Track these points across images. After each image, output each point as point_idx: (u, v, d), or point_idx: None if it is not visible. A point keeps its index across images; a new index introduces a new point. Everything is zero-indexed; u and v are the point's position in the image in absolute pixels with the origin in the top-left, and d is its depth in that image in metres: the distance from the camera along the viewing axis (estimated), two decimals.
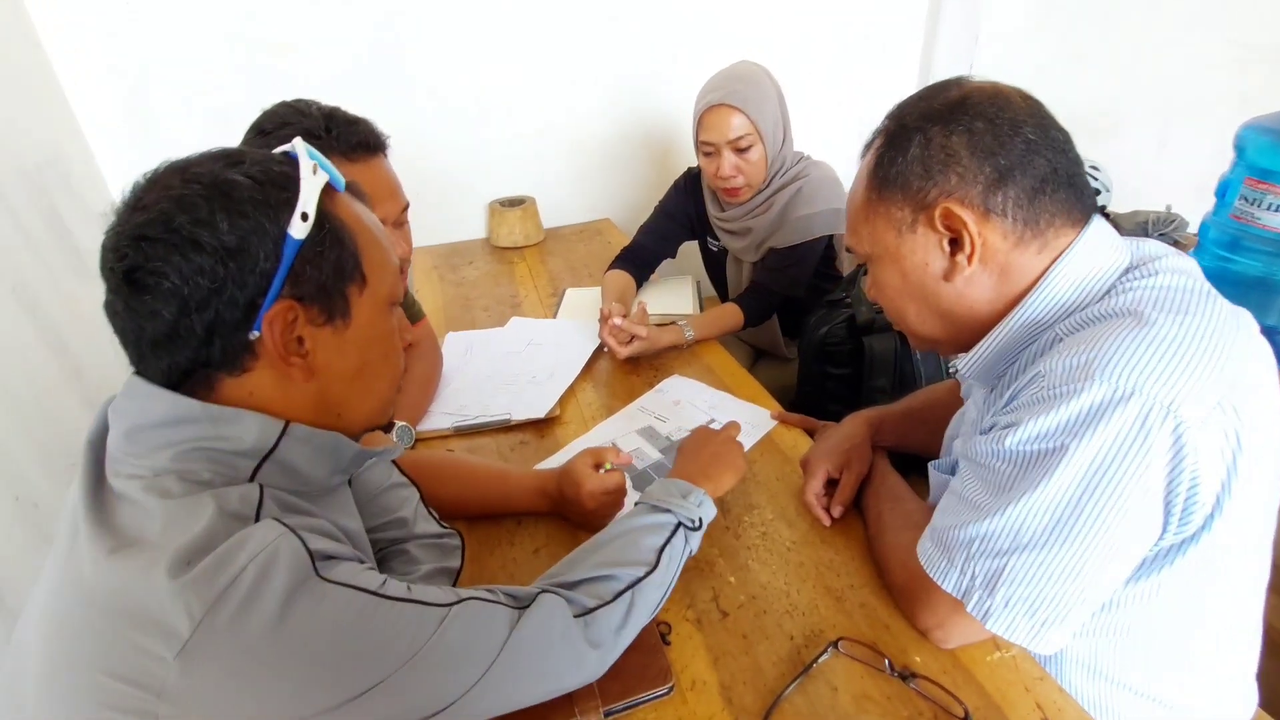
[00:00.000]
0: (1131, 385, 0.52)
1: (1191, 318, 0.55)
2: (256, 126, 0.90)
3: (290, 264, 0.50)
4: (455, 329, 1.48)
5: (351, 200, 0.58)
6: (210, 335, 0.49)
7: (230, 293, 0.48)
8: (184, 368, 0.50)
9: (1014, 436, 0.57)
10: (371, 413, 0.61)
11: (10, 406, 1.16)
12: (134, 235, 0.48)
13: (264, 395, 0.52)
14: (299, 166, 0.52)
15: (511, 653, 0.55)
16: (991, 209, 0.62)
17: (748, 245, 1.45)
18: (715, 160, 1.35)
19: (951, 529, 0.63)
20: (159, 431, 0.50)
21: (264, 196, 0.50)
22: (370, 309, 0.56)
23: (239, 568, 0.44)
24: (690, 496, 0.76)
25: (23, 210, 1.37)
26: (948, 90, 0.65)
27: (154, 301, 0.48)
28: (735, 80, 1.32)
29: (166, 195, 0.49)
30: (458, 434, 1.12)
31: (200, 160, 0.52)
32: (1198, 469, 0.53)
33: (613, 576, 0.65)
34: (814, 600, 0.77)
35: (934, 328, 0.70)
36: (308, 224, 0.51)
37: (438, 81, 1.85)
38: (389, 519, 0.76)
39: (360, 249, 0.55)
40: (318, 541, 0.49)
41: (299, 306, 0.51)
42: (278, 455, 0.52)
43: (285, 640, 0.44)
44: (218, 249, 0.48)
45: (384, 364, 0.60)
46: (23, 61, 1.51)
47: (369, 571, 0.51)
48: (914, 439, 0.96)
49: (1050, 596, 0.57)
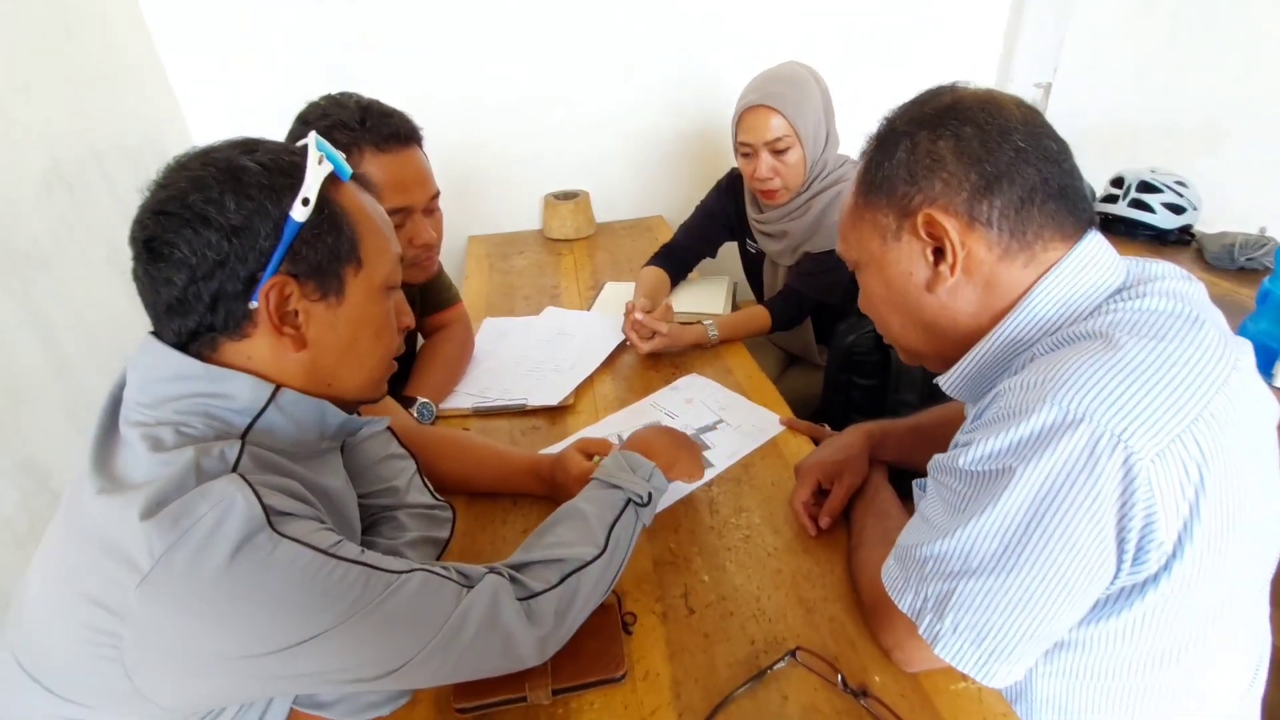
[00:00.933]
0: (1082, 410, 0.49)
1: (1165, 344, 0.52)
2: (301, 117, 0.97)
3: (289, 243, 0.56)
4: (494, 315, 1.54)
5: (357, 190, 0.63)
6: (215, 303, 0.55)
7: (232, 265, 0.54)
8: (192, 330, 0.56)
9: (967, 455, 0.55)
10: (362, 386, 0.66)
11: (93, 353, 1.30)
12: (155, 209, 0.55)
13: (260, 360, 0.58)
14: (307, 157, 0.58)
15: (454, 629, 0.58)
16: (976, 218, 0.59)
17: (784, 249, 1.43)
18: (753, 161, 1.34)
19: (911, 548, 0.61)
20: (166, 385, 0.56)
21: (270, 181, 0.55)
22: (364, 290, 0.61)
23: (199, 514, 0.48)
24: (639, 470, 0.77)
25: (121, 183, 1.52)
26: (940, 95, 0.63)
27: (167, 269, 0.54)
28: (776, 81, 1.31)
29: (186, 175, 0.55)
30: (476, 414, 1.17)
31: (221, 147, 0.58)
32: (1153, 506, 0.49)
33: (560, 560, 0.67)
34: (783, 608, 0.77)
35: (918, 340, 0.68)
36: (308, 208, 0.56)
37: (500, 77, 1.92)
38: (383, 487, 0.80)
39: (359, 235, 0.60)
40: (276, 499, 0.53)
41: (295, 282, 0.57)
42: (268, 415, 0.57)
43: (233, 583, 0.49)
44: (224, 226, 0.54)
45: (375, 342, 0.64)
46: (132, 47, 1.68)
47: (325, 532, 0.55)
48: (919, 456, 0.91)
49: (998, 627, 0.55)
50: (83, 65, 1.46)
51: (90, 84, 1.48)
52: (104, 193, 1.46)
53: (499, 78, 1.92)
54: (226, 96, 1.83)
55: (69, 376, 1.27)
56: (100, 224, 1.42)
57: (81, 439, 0.57)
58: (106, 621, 0.48)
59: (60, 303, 1.28)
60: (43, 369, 1.21)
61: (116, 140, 1.53)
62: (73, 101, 1.41)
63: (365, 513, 0.81)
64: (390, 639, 0.55)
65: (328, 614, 0.52)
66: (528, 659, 0.63)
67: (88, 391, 1.29)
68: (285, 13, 1.76)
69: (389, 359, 0.68)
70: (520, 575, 0.65)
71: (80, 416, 1.25)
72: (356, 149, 0.94)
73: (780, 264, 1.47)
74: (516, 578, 0.65)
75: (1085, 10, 2.04)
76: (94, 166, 1.44)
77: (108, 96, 1.54)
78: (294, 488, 0.57)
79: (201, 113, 1.84)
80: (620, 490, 0.75)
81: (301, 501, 0.56)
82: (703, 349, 1.33)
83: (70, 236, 1.34)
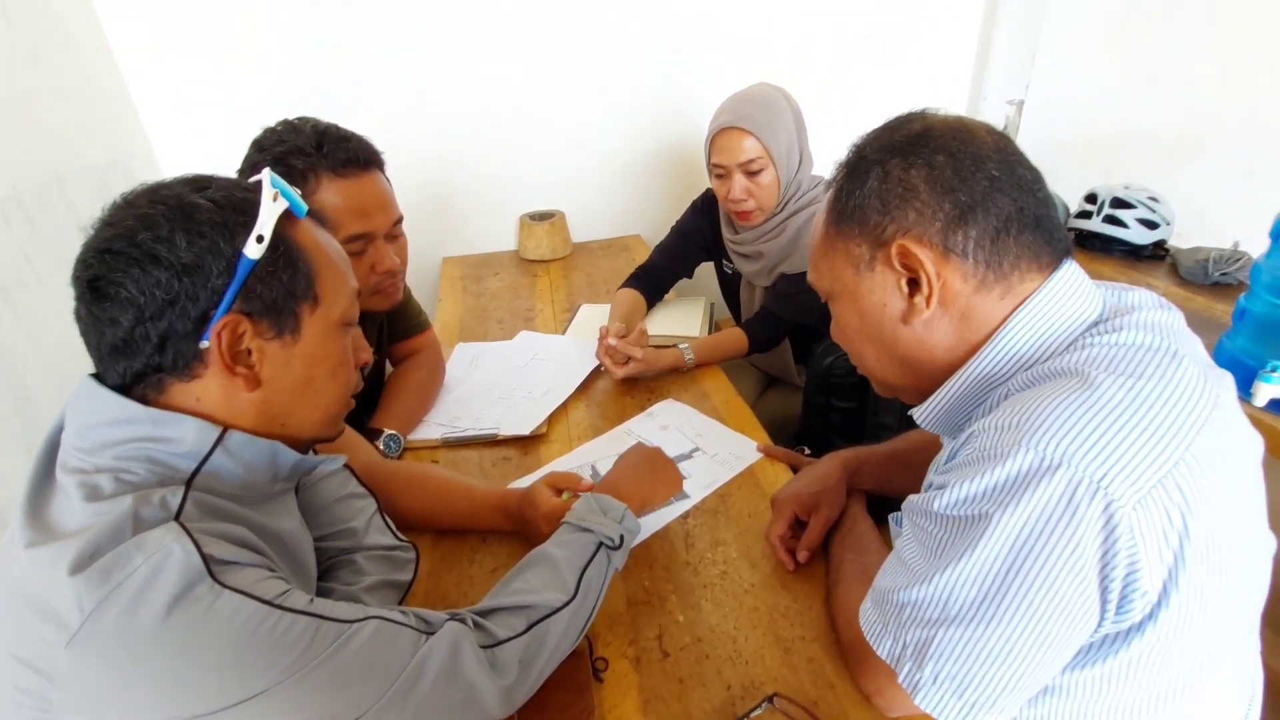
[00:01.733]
0: (1059, 455, 0.47)
1: (1143, 382, 0.50)
2: (256, 143, 0.94)
3: (243, 281, 0.54)
4: (468, 339, 1.51)
5: (313, 226, 0.62)
6: (163, 343, 0.53)
7: (183, 305, 0.52)
8: (138, 371, 0.54)
9: (941, 499, 0.53)
10: (317, 425, 0.63)
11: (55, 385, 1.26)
12: (100, 248, 0.52)
13: (210, 401, 0.55)
14: (261, 193, 0.56)
15: (410, 679, 0.55)
16: (951, 248, 0.58)
17: (760, 269, 1.42)
18: (726, 183, 1.33)
19: (888, 591, 0.59)
20: (106, 429, 0.53)
21: (222, 219, 0.54)
22: (321, 327, 0.60)
23: (133, 566, 0.45)
24: (610, 513, 0.75)
25: (84, 205, 1.48)
26: (910, 123, 0.62)
27: (113, 309, 0.52)
28: (748, 103, 1.30)
29: (134, 214, 0.53)
30: (445, 445, 1.14)
31: (171, 184, 0.56)
32: (1136, 554, 0.47)
33: (527, 606, 0.64)
34: (760, 649, 0.74)
35: (894, 373, 0.66)
36: (262, 245, 0.54)
37: (475, 96, 1.90)
38: (340, 528, 0.77)
39: (315, 271, 0.59)
40: (219, 547, 0.50)
41: (248, 320, 0.55)
42: (214, 460, 0.55)
43: (170, 639, 0.45)
44: (174, 264, 0.52)
45: (331, 380, 0.62)
46: (95, 68, 1.64)
47: (273, 580, 0.52)
48: (899, 484, 0.90)
49: (979, 677, 0.52)
50: (45, 89, 1.42)
51: (53, 108, 1.44)
52: (66, 218, 1.42)
53: (474, 97, 1.90)
54: (191, 119, 1.79)
55: (29, 410, 1.22)
56: (62, 251, 1.37)
57: None
58: (34, 682, 0.45)
59: (20, 334, 1.23)
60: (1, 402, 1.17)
61: (80, 163, 1.49)
62: (34, 126, 1.37)
63: (322, 556, 0.77)
64: (341, 693, 0.52)
65: (273, 669, 0.48)
66: (492, 711, 0.60)
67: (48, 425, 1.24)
68: (253, 34, 1.73)
69: (346, 397, 0.65)
70: (485, 621, 0.62)
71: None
72: (314, 174, 0.91)
73: (757, 284, 1.46)
74: (480, 624, 0.62)
75: (1056, 27, 2.06)
76: (56, 191, 1.40)
77: (71, 120, 1.50)
78: (240, 534, 0.54)
79: (166, 136, 1.80)
80: (591, 534, 0.72)
81: (249, 549, 0.53)
82: (679, 373, 1.30)
83: (30, 266, 1.29)
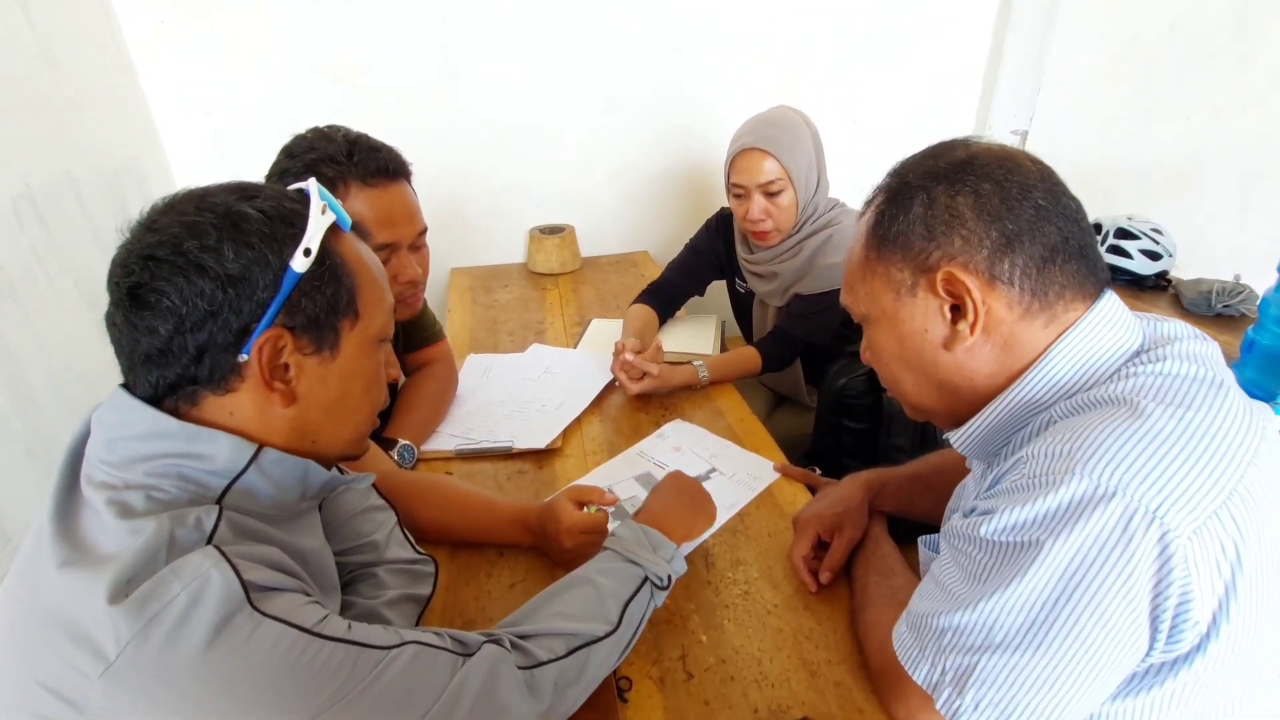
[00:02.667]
0: (1115, 484, 0.48)
1: (1193, 413, 0.50)
2: (286, 150, 0.94)
3: (288, 295, 0.53)
4: (479, 351, 1.50)
5: (356, 240, 0.61)
6: (201, 354, 0.51)
7: (226, 317, 0.51)
8: (171, 382, 0.52)
9: (990, 525, 0.53)
10: (347, 443, 0.62)
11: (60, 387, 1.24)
12: (143, 255, 0.51)
13: (243, 416, 0.54)
14: (309, 204, 0.55)
15: (448, 705, 0.54)
16: (997, 276, 0.58)
17: (774, 289, 1.43)
18: (745, 203, 1.34)
19: (926, 616, 0.59)
20: (137, 444, 0.51)
21: (271, 230, 0.52)
22: (359, 344, 0.58)
23: (171, 595, 0.44)
24: (661, 550, 0.73)
25: (97, 210, 1.48)
26: (954, 149, 0.62)
27: (153, 318, 0.50)
28: (769, 125, 1.31)
29: (180, 220, 0.51)
30: (459, 457, 1.13)
31: (217, 190, 0.55)
32: (1189, 584, 0.47)
33: (569, 632, 0.63)
34: (786, 672, 0.73)
35: (930, 398, 0.66)
36: (309, 259, 0.53)
37: (490, 112, 1.91)
38: (361, 542, 0.76)
39: (358, 287, 0.58)
40: (257, 572, 0.48)
41: (289, 335, 0.53)
42: (247, 477, 0.53)
43: (209, 672, 0.44)
44: (220, 275, 0.50)
45: (364, 397, 0.61)
46: (112, 73, 1.64)
47: (310, 606, 0.51)
48: (919, 506, 0.90)
49: (1023, 705, 0.52)
50: (61, 90, 1.42)
51: (68, 109, 1.44)
52: (79, 220, 1.41)
53: (486, 110, 1.91)
54: (204, 125, 1.79)
55: (32, 412, 1.20)
56: (73, 253, 1.37)
57: (43, 478, 0.52)
58: (60, 711, 0.43)
59: (27, 335, 1.22)
60: (4, 403, 1.15)
61: (94, 166, 1.49)
62: (49, 127, 1.37)
63: (343, 570, 0.76)
64: (378, 717, 0.51)
65: (315, 700, 0.47)
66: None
67: (51, 428, 1.22)
68: (269, 42, 1.74)
69: (375, 414, 0.64)
70: (524, 643, 0.61)
71: (41, 455, 1.18)
72: (343, 183, 0.91)
73: (770, 304, 1.47)
74: (519, 644, 0.61)
75: (1060, 59, 2.10)
76: (69, 192, 1.39)
77: (86, 122, 1.50)
78: (274, 556, 0.52)
79: (179, 141, 1.80)
80: (639, 568, 0.71)
81: (285, 573, 0.52)
82: (693, 390, 1.30)
83: (40, 266, 1.28)
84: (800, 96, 2.00)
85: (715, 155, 2.13)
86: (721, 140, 2.04)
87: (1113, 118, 2.22)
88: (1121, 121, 2.23)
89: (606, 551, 0.73)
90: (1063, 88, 2.15)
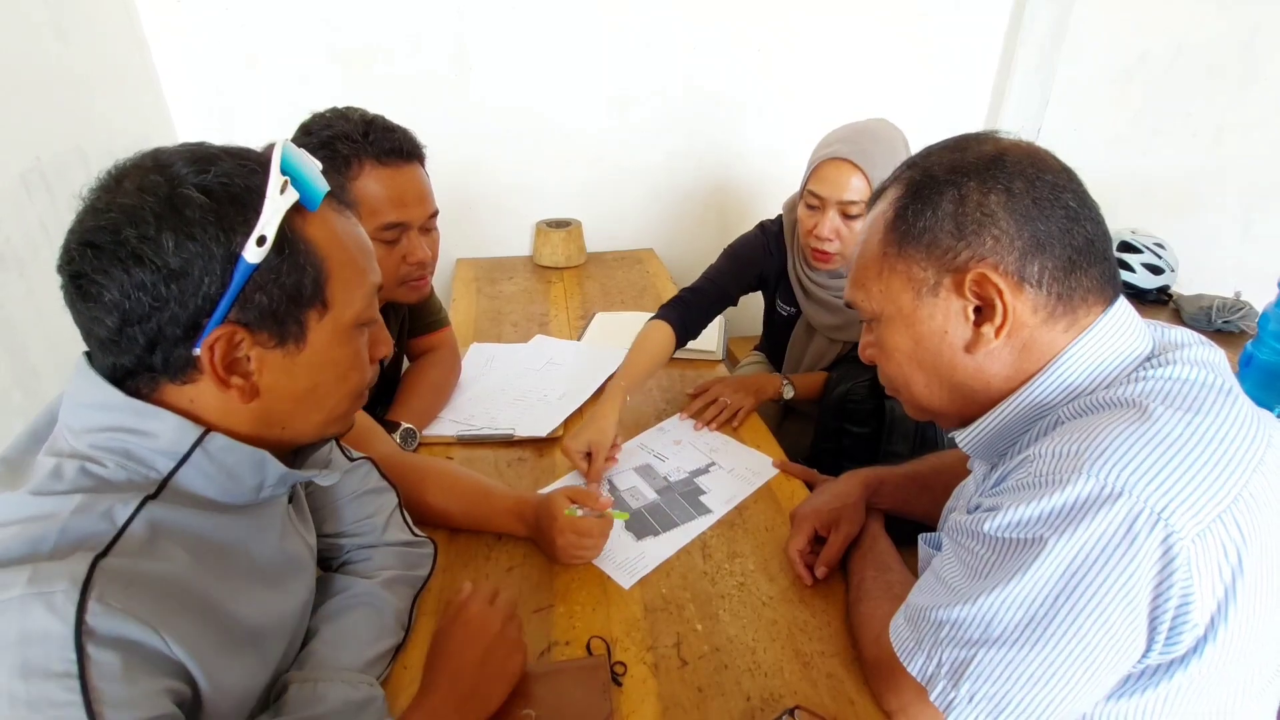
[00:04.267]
0: (1121, 484, 0.48)
1: (1200, 417, 0.51)
2: (304, 127, 0.95)
3: (240, 288, 0.48)
4: (482, 340, 1.51)
5: (331, 216, 0.55)
6: (152, 346, 0.49)
7: (172, 311, 0.48)
8: (128, 368, 0.50)
9: (994, 521, 0.53)
10: (319, 426, 0.58)
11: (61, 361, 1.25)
12: (83, 240, 0.47)
13: (204, 405, 0.51)
14: (268, 181, 0.49)
15: None
16: (1026, 279, 0.57)
17: (836, 325, 1.32)
18: (817, 216, 1.19)
19: (925, 609, 0.59)
20: (90, 413, 0.50)
21: (218, 217, 0.47)
22: (330, 333, 0.54)
23: (11, 589, 0.41)
24: None
25: None
26: (981, 143, 0.60)
27: (97, 309, 0.48)
28: (868, 138, 1.16)
29: (121, 202, 0.47)
30: (460, 443, 1.13)
31: (171, 160, 0.49)
32: (1190, 587, 0.48)
33: None
34: (779, 662, 0.74)
35: (941, 400, 0.64)
36: (264, 248, 0.49)
37: (501, 104, 1.92)
38: (359, 523, 0.76)
39: (327, 272, 0.53)
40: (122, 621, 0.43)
41: (245, 331, 0.50)
42: (194, 461, 0.51)
43: None
44: (161, 267, 0.47)
45: (338, 384, 0.57)
46: (125, 50, 1.65)
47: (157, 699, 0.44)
48: (917, 505, 0.91)
49: (1017, 700, 0.52)
50: (72, 66, 1.42)
51: (80, 85, 1.44)
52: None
53: (497, 103, 1.92)
54: (217, 106, 1.80)
55: (31, 383, 1.20)
56: None
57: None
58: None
59: (29, 308, 1.22)
60: (4, 375, 1.15)
61: (104, 143, 1.49)
62: (60, 102, 1.37)
63: (340, 551, 0.77)
64: None
65: None
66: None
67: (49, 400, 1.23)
68: (282, 26, 1.74)
69: (355, 396, 0.60)
70: None
71: None
72: (358, 160, 0.92)
73: (821, 333, 1.35)
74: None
75: (1069, 74, 2.12)
76: (79, 168, 1.40)
77: (97, 99, 1.50)
78: (178, 583, 0.48)
79: (189, 119, 1.81)
80: None
81: (180, 608, 0.47)
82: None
83: (46, 240, 1.28)
84: (808, 102, 2.04)
85: (724, 157, 2.14)
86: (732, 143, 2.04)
87: (1119, 134, 2.23)
88: (1128, 138, 2.25)
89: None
90: (1070, 102, 2.16)
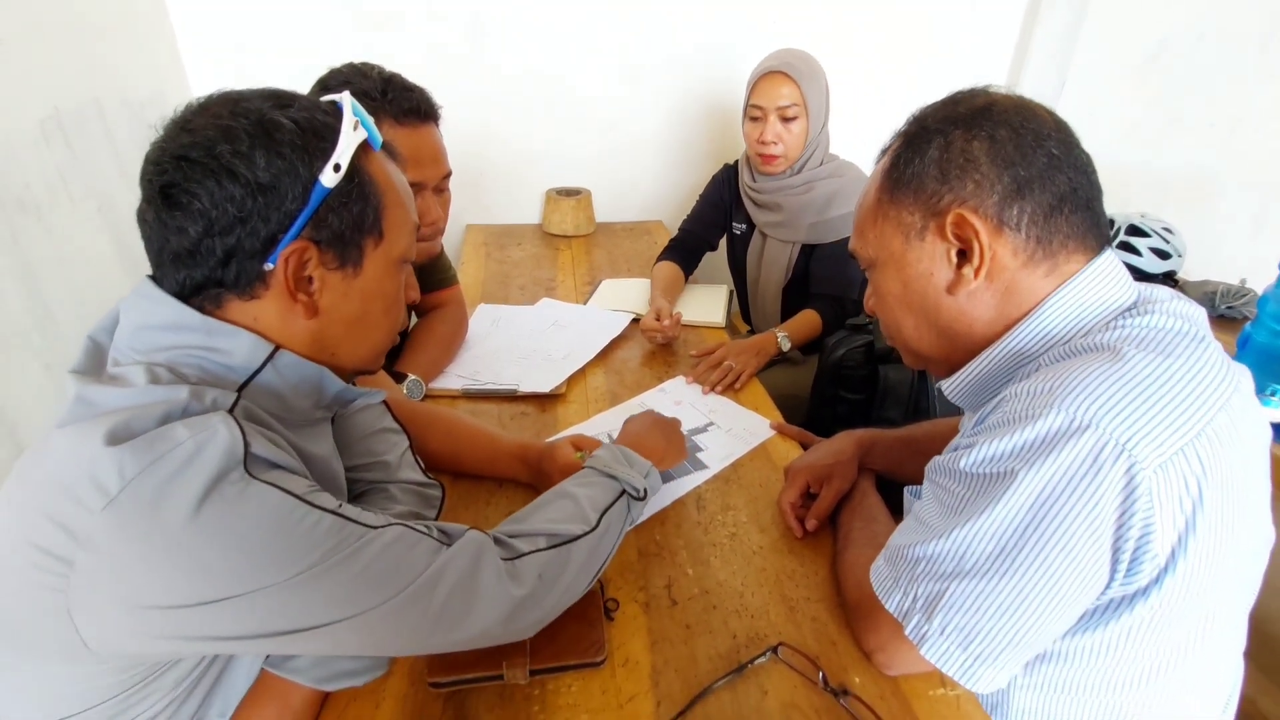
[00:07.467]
0: (1089, 418, 0.50)
1: (1170, 360, 0.53)
2: (321, 82, 0.96)
3: (315, 209, 0.54)
4: (489, 302, 1.53)
5: (385, 160, 0.61)
6: (228, 258, 0.53)
7: (254, 224, 0.52)
8: (198, 282, 0.53)
9: (969, 457, 0.56)
10: (364, 358, 0.64)
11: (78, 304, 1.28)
12: (176, 154, 0.51)
13: (266, 322, 0.56)
14: (342, 119, 0.55)
15: (427, 585, 0.55)
16: (1005, 222, 0.59)
17: (779, 221, 1.51)
18: (760, 125, 1.44)
19: (902, 548, 0.62)
20: (159, 334, 0.53)
21: (303, 142, 0.53)
22: (382, 263, 0.60)
23: (176, 441, 0.46)
24: (636, 465, 0.78)
25: (121, 137, 1.50)
26: (974, 97, 0.63)
27: (183, 218, 0.51)
28: (793, 55, 1.42)
29: (215, 123, 0.52)
30: (465, 396, 1.16)
31: (252, 96, 0.55)
32: (1151, 516, 0.50)
33: (550, 532, 0.66)
34: (766, 605, 0.77)
35: (930, 344, 0.67)
36: (339, 175, 0.54)
37: (515, 72, 1.93)
38: (374, 460, 0.79)
39: (384, 207, 0.59)
40: (261, 445, 0.50)
41: (315, 248, 0.55)
42: (263, 375, 0.55)
43: (201, 522, 0.46)
44: (251, 182, 0.51)
45: (384, 316, 0.63)
46: (144, 8, 1.66)
47: (303, 480, 0.53)
48: (908, 468, 0.93)
49: (986, 630, 0.55)
50: (89, 14, 1.43)
51: (98, 34, 1.46)
52: (103, 145, 1.43)
53: (511, 70, 1.92)
54: (231, 62, 1.81)
55: (50, 327, 1.23)
56: (96, 176, 1.39)
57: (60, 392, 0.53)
58: (63, 545, 0.45)
59: (48, 253, 1.24)
60: (23, 317, 1.18)
61: (120, 93, 1.51)
62: (78, 50, 1.39)
63: (355, 486, 0.80)
64: (359, 591, 0.52)
65: (296, 563, 0.49)
66: (511, 621, 0.60)
67: (68, 344, 1.26)
68: None
69: (394, 332, 0.66)
70: (508, 539, 0.64)
71: (58, 369, 1.22)
72: (375, 119, 0.93)
73: (772, 236, 1.54)
74: (502, 539, 0.63)
75: (1086, 61, 2.10)
76: (95, 118, 1.42)
77: (114, 51, 1.52)
78: (280, 443, 0.54)
79: (206, 77, 1.82)
80: (616, 481, 0.74)
81: (286, 455, 0.54)
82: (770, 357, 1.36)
83: (64, 186, 1.31)
84: None
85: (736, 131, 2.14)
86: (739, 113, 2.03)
87: (1135, 122, 2.22)
88: (1143, 127, 2.23)
89: (586, 469, 0.77)
90: (1086, 89, 2.15)
